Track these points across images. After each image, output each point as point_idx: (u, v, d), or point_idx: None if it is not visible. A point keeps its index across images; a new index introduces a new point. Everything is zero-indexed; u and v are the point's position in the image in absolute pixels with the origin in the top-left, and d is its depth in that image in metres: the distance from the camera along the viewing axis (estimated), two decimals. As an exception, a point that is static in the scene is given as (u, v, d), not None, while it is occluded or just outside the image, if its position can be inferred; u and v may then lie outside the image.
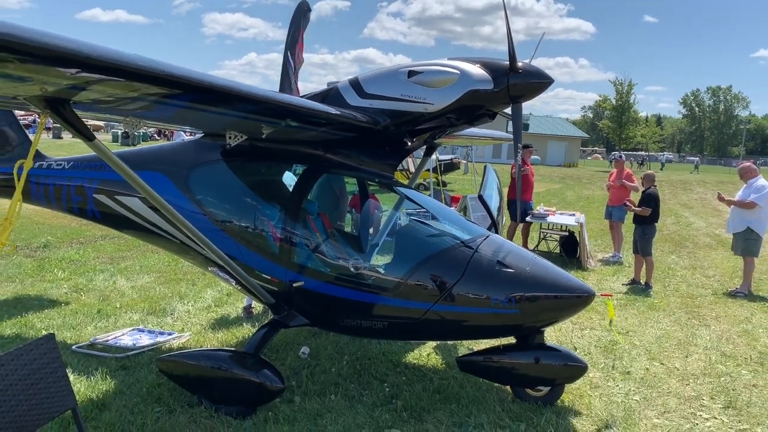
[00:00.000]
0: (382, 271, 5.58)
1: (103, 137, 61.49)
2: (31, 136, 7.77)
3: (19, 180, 3.38)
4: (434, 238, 5.66)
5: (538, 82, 5.44)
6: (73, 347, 6.65)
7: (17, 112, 8.66)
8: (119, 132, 45.31)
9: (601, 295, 6.17)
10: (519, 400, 5.63)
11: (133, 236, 7.35)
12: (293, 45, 8.66)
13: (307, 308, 5.69)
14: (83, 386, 5.63)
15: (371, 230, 6.12)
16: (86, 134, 3.78)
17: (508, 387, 5.84)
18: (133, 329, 7.35)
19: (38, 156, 7.54)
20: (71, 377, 5.82)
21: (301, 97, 6.32)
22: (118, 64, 3.08)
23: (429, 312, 5.28)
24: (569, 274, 5.65)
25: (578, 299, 5.37)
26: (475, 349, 6.47)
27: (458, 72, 5.38)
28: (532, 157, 16.68)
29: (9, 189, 7.54)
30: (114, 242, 12.79)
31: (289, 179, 6.87)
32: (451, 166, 27.97)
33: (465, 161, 32.22)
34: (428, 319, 5.30)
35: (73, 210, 7.11)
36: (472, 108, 5.54)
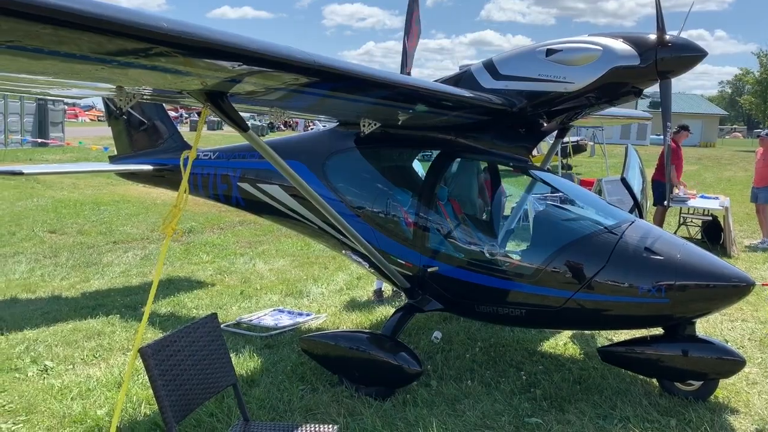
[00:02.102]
0: (520, 258, 5.46)
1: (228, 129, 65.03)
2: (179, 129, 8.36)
3: (185, 170, 3.61)
4: (575, 223, 5.46)
5: (690, 55, 5.08)
6: (222, 326, 7.09)
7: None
8: (249, 123, 47.70)
9: (763, 284, 5.69)
10: (667, 394, 5.33)
11: (273, 221, 7.69)
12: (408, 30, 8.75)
13: (442, 293, 5.69)
14: (233, 363, 5.98)
15: (507, 215, 6.00)
16: (241, 125, 3.99)
17: (654, 380, 5.54)
18: (273, 310, 7.74)
19: (188, 147, 8.11)
20: (221, 354, 6.24)
21: (435, 81, 6.30)
22: (276, 56, 3.20)
23: (570, 300, 5.10)
24: (725, 261, 5.25)
25: (735, 289, 4.98)
26: (615, 339, 6.20)
27: (601, 48, 5.15)
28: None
29: (162, 179, 8.19)
30: (250, 228, 13.50)
31: (418, 164, 6.92)
32: (577, 148, 26.93)
33: (591, 143, 30.89)
34: (569, 307, 5.13)
35: (219, 197, 7.56)
36: (616, 86, 5.28)
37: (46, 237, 12.00)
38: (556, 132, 7.09)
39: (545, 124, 5.94)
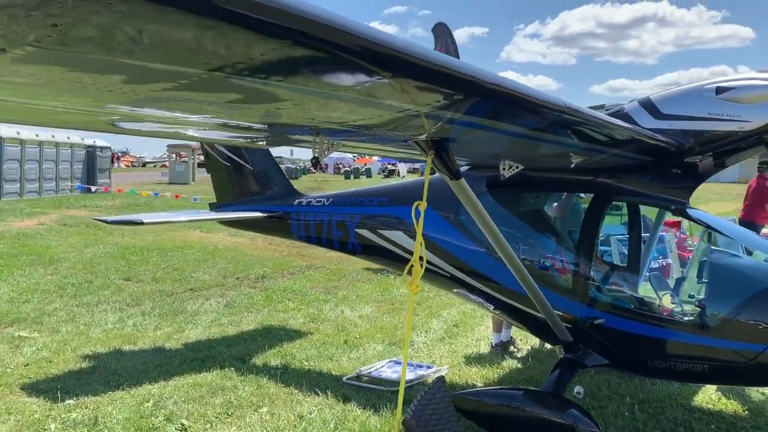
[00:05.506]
0: (702, 308, 5.09)
1: (330, 174, 64.58)
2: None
3: (417, 222, 3.36)
4: (760, 268, 5.09)
5: None
6: (344, 379, 6.77)
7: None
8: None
9: None
10: None
11: (391, 267, 7.39)
12: None
13: (608, 347, 5.32)
14: (376, 421, 5.63)
15: (676, 259, 5.65)
16: (456, 174, 3.74)
17: None
18: (390, 361, 7.38)
19: (297, 194, 7.92)
20: (357, 409, 5.89)
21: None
22: (531, 97, 2.96)
23: (763, 354, 4.70)
24: None
25: None
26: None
27: (780, 84, 4.87)
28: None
29: (266, 227, 7.99)
30: (321, 272, 13.24)
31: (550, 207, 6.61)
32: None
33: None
34: (761, 362, 4.73)
35: (333, 243, 7.31)
36: (796, 124, 4.97)
37: (122, 284, 11.83)
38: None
39: (701, 164, 5.64)
